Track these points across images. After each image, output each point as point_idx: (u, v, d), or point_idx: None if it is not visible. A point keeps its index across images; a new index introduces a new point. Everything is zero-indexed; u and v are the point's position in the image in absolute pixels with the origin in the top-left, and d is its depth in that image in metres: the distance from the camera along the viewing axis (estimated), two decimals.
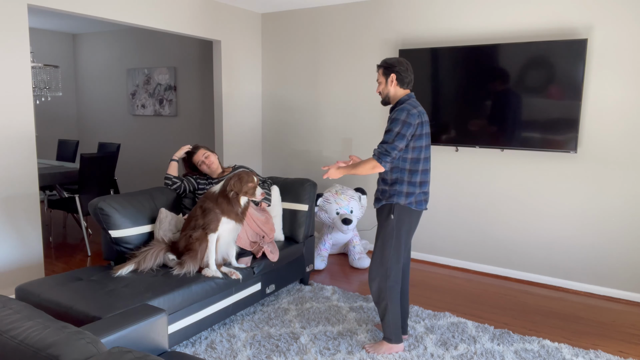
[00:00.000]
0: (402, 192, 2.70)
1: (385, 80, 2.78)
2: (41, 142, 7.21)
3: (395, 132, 2.61)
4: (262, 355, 2.82)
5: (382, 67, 2.79)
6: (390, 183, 2.73)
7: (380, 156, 2.64)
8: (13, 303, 1.53)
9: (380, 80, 2.80)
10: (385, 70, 2.77)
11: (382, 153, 2.64)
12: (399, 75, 2.73)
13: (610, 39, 3.67)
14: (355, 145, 4.97)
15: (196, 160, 3.56)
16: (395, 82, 2.75)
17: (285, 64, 5.35)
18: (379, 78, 2.80)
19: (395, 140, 2.61)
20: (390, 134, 2.62)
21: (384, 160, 2.63)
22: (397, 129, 2.61)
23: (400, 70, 2.73)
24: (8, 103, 3.37)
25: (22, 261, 3.57)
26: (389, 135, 2.63)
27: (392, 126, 2.63)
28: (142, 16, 4.16)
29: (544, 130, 3.86)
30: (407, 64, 2.76)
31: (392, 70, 2.74)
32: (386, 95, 2.79)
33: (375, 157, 2.65)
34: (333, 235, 4.48)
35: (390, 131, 2.63)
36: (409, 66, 2.77)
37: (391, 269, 2.75)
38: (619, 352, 2.97)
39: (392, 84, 2.75)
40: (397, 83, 2.75)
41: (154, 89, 6.60)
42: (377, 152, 2.65)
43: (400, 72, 2.73)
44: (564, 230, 3.99)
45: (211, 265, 2.99)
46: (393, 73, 2.74)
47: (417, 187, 2.71)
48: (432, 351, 2.91)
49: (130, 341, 1.91)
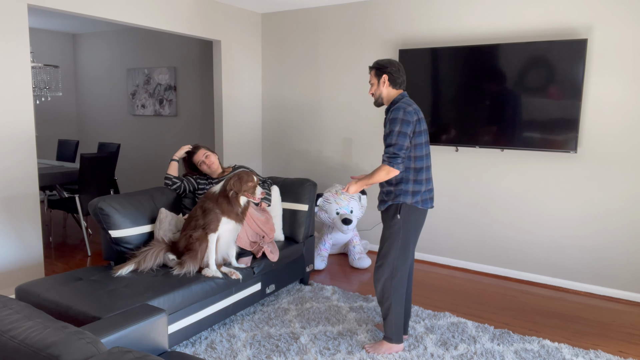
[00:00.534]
0: (408, 191, 2.70)
1: (377, 82, 2.79)
2: (41, 142, 7.21)
3: (397, 132, 2.60)
4: (262, 355, 2.82)
5: (374, 68, 2.80)
6: (395, 183, 2.73)
7: (390, 160, 2.62)
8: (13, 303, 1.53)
9: (372, 81, 2.82)
10: (377, 71, 2.78)
11: (390, 157, 2.62)
12: (391, 76, 2.75)
13: (610, 39, 3.67)
14: (355, 145, 4.97)
15: (196, 160, 3.56)
16: (387, 82, 2.76)
17: (285, 64, 5.35)
18: (371, 79, 2.82)
19: (398, 140, 2.60)
20: (392, 136, 2.62)
21: (395, 162, 2.62)
22: (397, 128, 2.61)
23: (392, 71, 2.74)
24: (8, 103, 3.37)
25: (22, 261, 3.57)
26: (391, 137, 2.62)
27: (392, 127, 2.62)
28: (142, 16, 4.17)
29: (544, 130, 3.86)
30: (398, 65, 2.77)
31: (383, 71, 2.76)
32: (379, 96, 2.81)
33: (386, 163, 2.63)
34: (333, 235, 4.49)
35: (391, 132, 2.62)
36: (401, 67, 2.78)
37: (397, 269, 2.74)
38: (619, 352, 2.97)
39: (384, 85, 2.77)
40: (390, 84, 2.76)
41: (154, 89, 6.60)
42: (386, 157, 2.64)
43: (392, 72, 2.74)
44: (564, 230, 3.99)
45: (211, 265, 2.99)
46: (385, 74, 2.75)
47: (422, 185, 2.71)
48: (432, 351, 2.91)
49: (130, 341, 1.91)
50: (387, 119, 2.69)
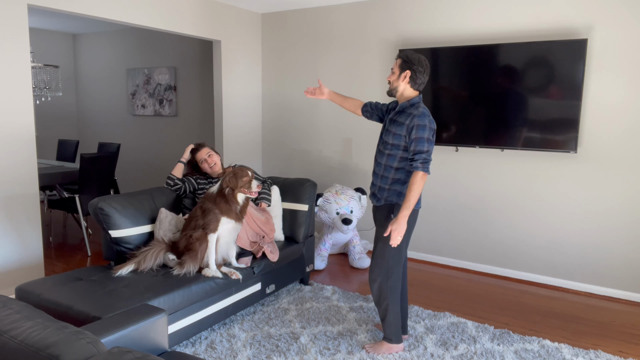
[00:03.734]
0: (402, 193, 2.70)
1: (398, 73, 2.68)
2: (41, 142, 7.21)
3: (426, 139, 2.57)
4: (262, 355, 2.82)
5: (401, 58, 2.68)
6: (390, 182, 2.71)
7: (425, 165, 2.56)
8: (13, 303, 1.53)
9: (394, 70, 2.70)
10: (403, 63, 2.67)
11: (423, 162, 2.56)
12: (414, 75, 2.65)
13: (610, 39, 3.67)
14: (355, 145, 4.97)
15: (199, 157, 3.56)
16: (407, 79, 2.66)
17: (285, 64, 5.35)
18: (394, 68, 2.71)
19: (429, 147, 2.58)
20: (423, 142, 2.57)
21: (427, 167, 2.57)
22: (426, 135, 2.57)
23: (417, 70, 2.64)
24: (8, 103, 3.37)
25: (22, 261, 3.57)
26: (422, 143, 2.57)
27: (421, 134, 2.57)
28: (142, 16, 4.17)
29: (544, 130, 3.86)
30: (426, 66, 2.66)
31: (409, 66, 2.65)
32: (394, 88, 2.71)
33: (420, 169, 2.56)
34: (333, 235, 4.48)
35: (421, 139, 2.57)
36: (428, 69, 2.68)
37: (393, 270, 2.74)
38: (619, 352, 2.97)
39: (403, 80, 2.67)
40: (410, 81, 2.67)
41: (154, 89, 6.60)
42: (420, 163, 2.56)
43: (417, 72, 2.64)
44: (564, 230, 3.99)
45: (211, 265, 2.99)
46: (409, 70, 2.64)
47: None
48: (432, 351, 2.91)
49: (130, 341, 1.91)
50: (405, 122, 2.62)
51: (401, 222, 2.56)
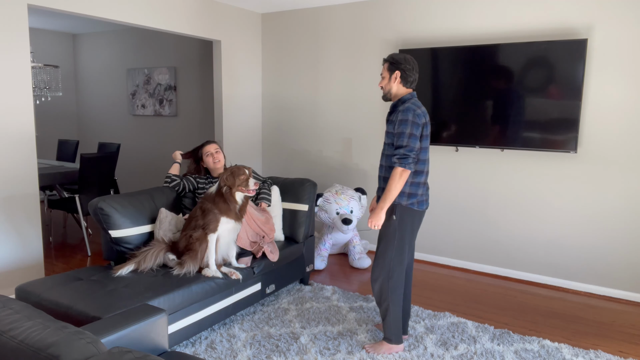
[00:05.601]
0: (405, 193, 2.69)
1: (389, 76, 2.71)
2: (41, 142, 7.21)
3: (407, 134, 2.57)
4: (262, 355, 2.82)
5: (387, 61, 2.72)
6: None
7: (401, 161, 2.57)
8: (13, 303, 1.53)
9: (384, 75, 2.74)
10: (390, 65, 2.70)
11: (401, 157, 2.57)
12: (404, 74, 2.67)
13: (611, 39, 3.67)
14: (355, 145, 4.97)
15: (206, 150, 3.54)
16: (398, 79, 2.69)
17: (285, 64, 5.35)
18: (383, 72, 2.74)
19: (409, 142, 2.56)
20: (403, 137, 2.57)
21: (406, 162, 2.56)
22: (408, 130, 2.56)
23: (405, 68, 2.67)
24: (8, 103, 3.37)
25: (22, 261, 3.57)
26: (402, 138, 2.57)
27: (402, 129, 2.57)
28: (142, 16, 4.16)
29: (544, 130, 3.86)
30: (413, 63, 2.69)
31: (397, 67, 2.68)
32: (388, 92, 2.74)
33: (397, 164, 2.58)
34: (333, 235, 4.48)
35: (402, 134, 2.57)
36: (415, 65, 2.70)
37: (394, 270, 2.74)
38: (619, 352, 2.97)
39: (395, 81, 2.70)
40: (401, 81, 2.69)
41: (154, 89, 6.60)
42: (396, 158, 2.59)
43: (406, 70, 2.67)
44: (564, 230, 3.99)
45: (211, 265, 2.99)
46: (398, 70, 2.68)
47: (420, 188, 2.70)
48: (432, 351, 2.91)
49: (130, 341, 1.91)
50: (395, 119, 2.64)
51: (377, 213, 2.64)
